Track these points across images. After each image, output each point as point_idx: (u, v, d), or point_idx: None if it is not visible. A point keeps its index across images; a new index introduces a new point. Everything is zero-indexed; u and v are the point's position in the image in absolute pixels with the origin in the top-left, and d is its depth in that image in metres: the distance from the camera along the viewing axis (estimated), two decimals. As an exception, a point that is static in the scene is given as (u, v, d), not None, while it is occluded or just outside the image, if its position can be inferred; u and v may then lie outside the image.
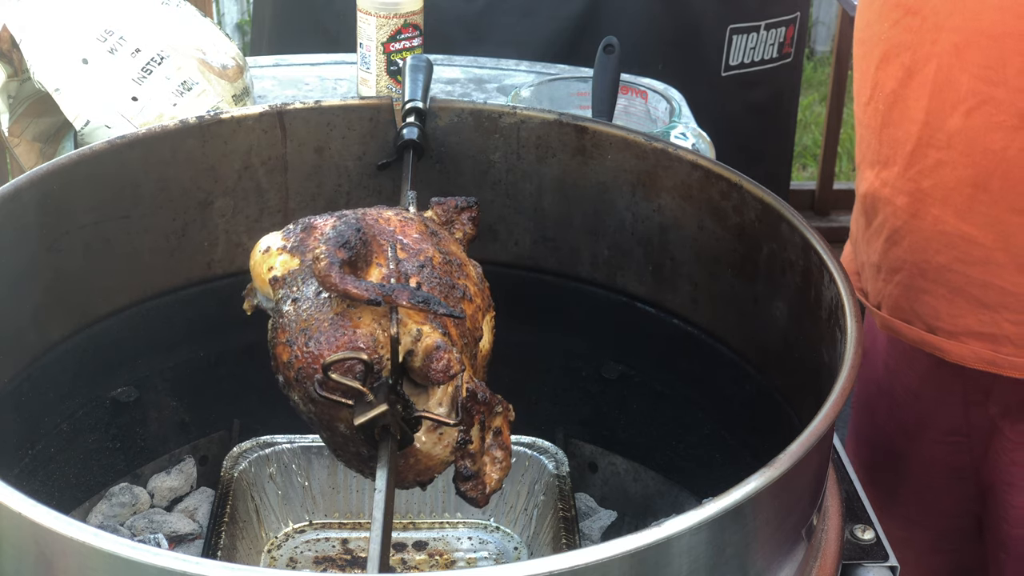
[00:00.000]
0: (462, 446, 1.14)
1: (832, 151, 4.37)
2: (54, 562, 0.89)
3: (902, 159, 1.42)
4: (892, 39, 1.41)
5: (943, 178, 1.38)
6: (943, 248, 1.41)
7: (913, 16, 1.37)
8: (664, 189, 1.38)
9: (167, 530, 1.38)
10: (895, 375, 1.62)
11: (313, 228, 1.15)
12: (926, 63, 1.37)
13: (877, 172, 1.48)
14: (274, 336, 1.10)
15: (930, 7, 1.35)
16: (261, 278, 1.14)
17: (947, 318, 1.44)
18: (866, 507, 1.21)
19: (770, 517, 0.97)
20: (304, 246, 1.13)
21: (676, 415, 1.44)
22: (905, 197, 1.43)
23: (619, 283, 1.46)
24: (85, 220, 1.32)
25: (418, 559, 1.43)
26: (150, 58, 1.75)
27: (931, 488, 1.63)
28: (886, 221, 1.48)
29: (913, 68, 1.39)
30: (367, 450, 1.09)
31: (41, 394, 1.31)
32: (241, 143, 1.41)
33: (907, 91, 1.40)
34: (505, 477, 1.19)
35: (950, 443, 1.57)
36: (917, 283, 1.45)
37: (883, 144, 1.46)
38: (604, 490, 1.52)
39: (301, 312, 1.08)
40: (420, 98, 1.43)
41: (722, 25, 2.77)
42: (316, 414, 1.08)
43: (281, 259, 1.13)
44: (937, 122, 1.37)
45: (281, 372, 1.09)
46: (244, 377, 1.47)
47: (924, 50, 1.37)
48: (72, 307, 1.34)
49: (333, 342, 1.05)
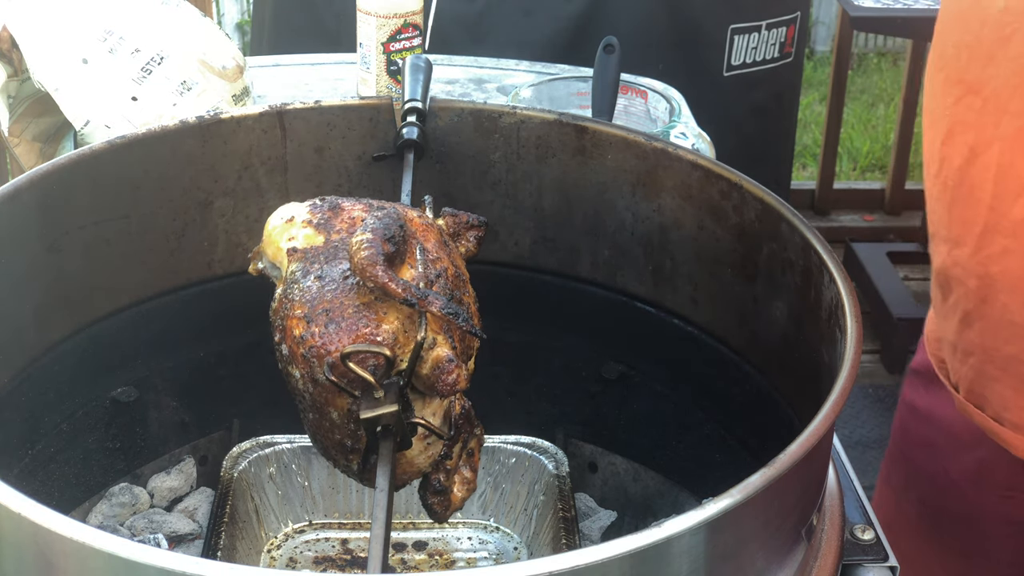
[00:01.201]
0: (441, 460, 1.14)
1: (832, 151, 4.37)
2: (54, 562, 0.89)
3: (972, 241, 1.35)
4: (955, 116, 1.34)
5: (1010, 267, 1.32)
6: (1012, 338, 1.35)
7: (975, 96, 1.31)
8: (664, 189, 1.38)
9: (167, 530, 1.38)
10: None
11: (340, 209, 1.14)
12: (989, 146, 1.30)
13: (949, 250, 1.41)
14: (287, 307, 1.09)
15: (991, 88, 1.29)
16: (276, 245, 1.14)
17: (1015, 410, 1.38)
18: (866, 507, 1.21)
19: (770, 517, 0.97)
20: (331, 225, 1.13)
21: (676, 415, 1.44)
22: (975, 280, 1.36)
23: (619, 283, 1.45)
24: (85, 220, 1.32)
25: (418, 559, 1.43)
26: (150, 58, 1.75)
27: (988, 538, 1.56)
28: (959, 302, 1.41)
29: (977, 149, 1.32)
30: (352, 442, 1.09)
31: (41, 394, 1.31)
32: (241, 143, 1.41)
33: (972, 171, 1.33)
34: (468, 498, 1.19)
35: (1007, 497, 1.52)
36: (987, 370, 1.39)
37: (953, 222, 1.38)
38: (604, 490, 1.52)
39: (325, 292, 1.07)
40: (420, 98, 1.43)
41: (723, 25, 2.77)
42: (313, 395, 1.08)
43: (305, 232, 1.13)
44: (1003, 208, 1.30)
45: (287, 344, 1.08)
46: (244, 377, 1.47)
47: (987, 132, 1.30)
48: (72, 307, 1.34)
49: (355, 330, 1.05)
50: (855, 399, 3.51)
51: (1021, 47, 1.26)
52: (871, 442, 3.38)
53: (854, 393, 3.10)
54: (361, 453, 1.10)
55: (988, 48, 1.29)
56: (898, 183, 4.42)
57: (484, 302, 1.17)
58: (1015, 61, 1.27)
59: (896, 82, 5.41)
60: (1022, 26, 1.26)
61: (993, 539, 1.56)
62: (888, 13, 3.37)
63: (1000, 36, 1.28)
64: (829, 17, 5.79)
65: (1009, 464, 1.46)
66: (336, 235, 1.12)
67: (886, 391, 3.59)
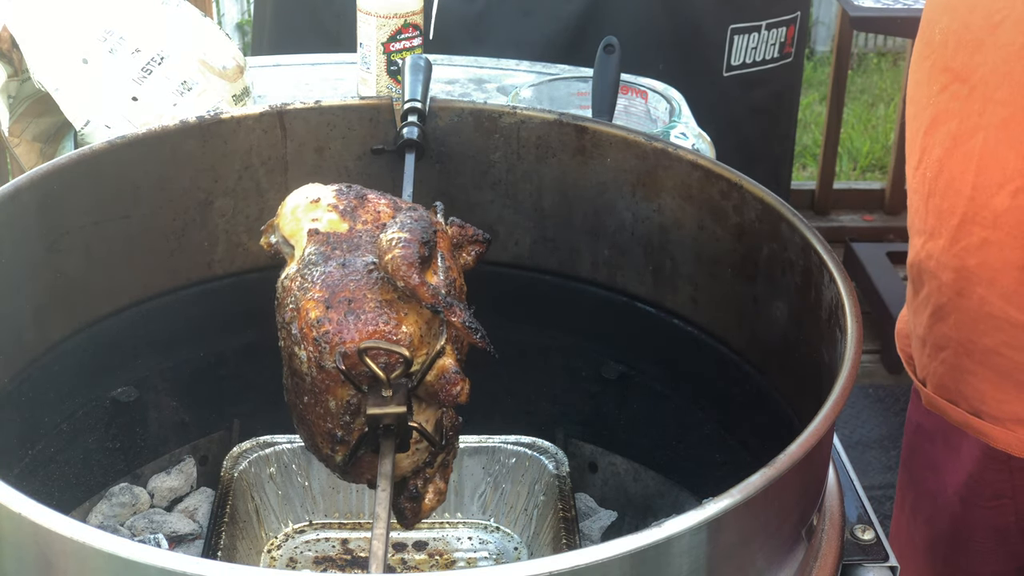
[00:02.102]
0: (422, 467, 1.14)
1: (832, 151, 4.37)
2: (54, 562, 0.89)
3: (948, 232, 1.34)
4: (940, 104, 1.33)
5: (989, 258, 1.30)
6: (990, 330, 1.33)
7: (962, 84, 1.29)
8: (664, 189, 1.38)
9: (167, 530, 1.38)
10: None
11: (367, 200, 1.14)
12: (972, 135, 1.29)
13: (923, 242, 1.39)
14: (303, 287, 1.08)
15: (979, 76, 1.27)
16: (297, 223, 1.13)
17: (993, 403, 1.37)
18: (866, 507, 1.21)
19: (770, 517, 0.97)
20: (356, 215, 1.13)
21: (676, 415, 1.44)
22: (951, 273, 1.35)
23: (619, 283, 1.45)
24: (85, 220, 1.32)
25: (418, 559, 1.43)
26: (150, 58, 1.75)
27: (974, 548, 1.55)
28: (931, 295, 1.39)
29: (960, 138, 1.30)
30: (343, 434, 1.09)
31: (41, 394, 1.31)
32: (241, 143, 1.41)
33: (953, 161, 1.32)
34: (435, 509, 1.19)
35: (993, 508, 1.50)
36: (963, 363, 1.38)
37: (930, 213, 1.37)
38: (604, 490, 1.52)
39: (347, 281, 1.07)
40: (420, 98, 1.43)
41: (723, 25, 2.77)
42: (315, 379, 1.07)
43: (330, 217, 1.13)
44: (983, 199, 1.29)
45: (299, 324, 1.07)
46: (244, 377, 1.47)
47: (971, 121, 1.28)
48: (72, 307, 1.34)
49: (374, 326, 1.05)
50: (855, 399, 3.51)
51: (1011, 34, 1.25)
52: (871, 442, 3.38)
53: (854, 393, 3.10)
54: (350, 446, 1.09)
55: (976, 35, 1.28)
56: (898, 183, 4.42)
57: (484, 302, 1.17)
58: (1004, 48, 1.25)
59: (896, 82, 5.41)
60: (1012, 12, 1.25)
61: (981, 553, 1.55)
62: (888, 13, 3.37)
63: (990, 23, 1.27)
64: (829, 17, 5.79)
65: (997, 472, 1.45)
66: (361, 225, 1.12)
67: (886, 391, 3.58)
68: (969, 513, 1.50)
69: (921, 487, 1.59)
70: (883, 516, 3.07)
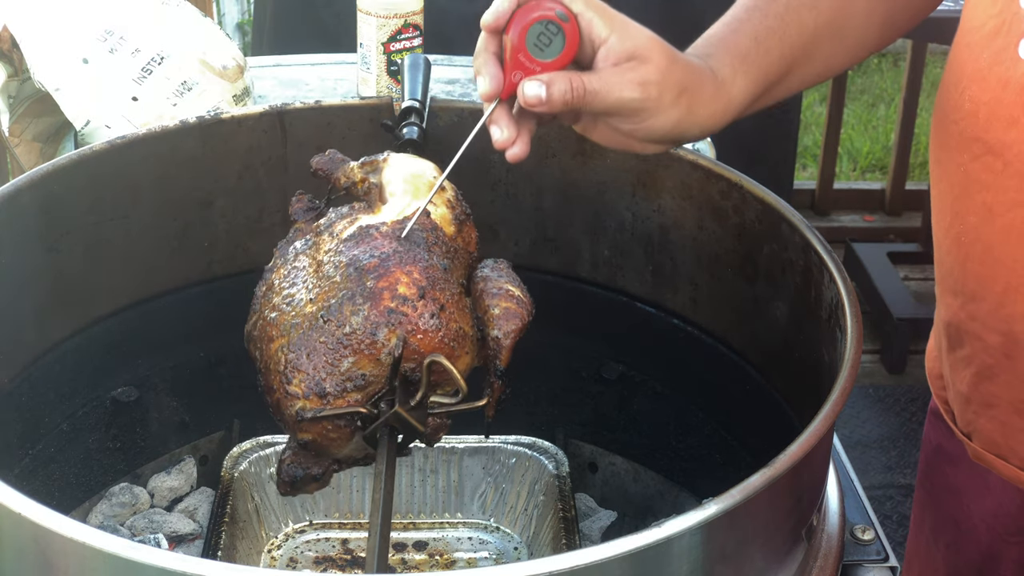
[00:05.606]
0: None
1: (832, 151, 4.37)
2: (54, 562, 0.89)
3: (992, 298, 1.30)
4: (972, 174, 1.29)
5: None
6: None
7: (995, 158, 1.26)
8: (664, 189, 1.38)
9: (167, 530, 1.38)
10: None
11: (466, 224, 1.17)
12: (1011, 210, 1.25)
13: (962, 303, 1.36)
14: (400, 256, 1.07)
15: (1013, 152, 1.24)
16: (415, 190, 1.14)
17: None
18: (866, 507, 1.21)
19: (770, 517, 0.97)
20: (460, 229, 1.16)
21: (676, 415, 1.44)
22: (998, 336, 1.31)
23: (619, 283, 1.45)
24: (85, 220, 1.32)
25: (418, 559, 1.43)
26: (150, 58, 1.75)
27: None
28: (975, 355, 1.36)
29: (996, 210, 1.26)
30: (330, 389, 1.07)
31: (41, 394, 1.31)
32: (241, 143, 1.41)
33: (991, 232, 1.28)
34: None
35: (1017, 542, 1.47)
36: (1014, 421, 1.35)
37: (968, 277, 1.34)
38: (604, 490, 1.52)
39: (443, 286, 1.08)
40: (420, 98, 1.43)
41: (723, 25, 2.76)
42: (352, 331, 1.05)
43: (442, 212, 1.15)
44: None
45: (379, 283, 1.05)
46: (244, 377, 1.46)
47: (1008, 196, 1.25)
48: (72, 307, 1.34)
49: (442, 342, 1.06)
50: (855, 399, 3.50)
51: None
52: (871, 442, 3.37)
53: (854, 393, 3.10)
54: (328, 404, 1.08)
55: (1010, 111, 1.25)
56: (898, 183, 4.41)
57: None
58: None
59: (896, 82, 5.41)
60: None
61: None
62: (888, 13, 3.36)
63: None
64: (829, 17, 5.78)
65: (1020, 507, 1.43)
66: (461, 242, 1.14)
67: (886, 391, 3.58)
68: (996, 544, 1.49)
69: (942, 509, 1.57)
70: (883, 516, 3.07)
